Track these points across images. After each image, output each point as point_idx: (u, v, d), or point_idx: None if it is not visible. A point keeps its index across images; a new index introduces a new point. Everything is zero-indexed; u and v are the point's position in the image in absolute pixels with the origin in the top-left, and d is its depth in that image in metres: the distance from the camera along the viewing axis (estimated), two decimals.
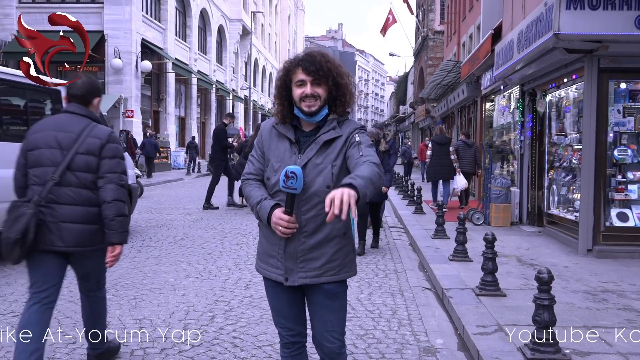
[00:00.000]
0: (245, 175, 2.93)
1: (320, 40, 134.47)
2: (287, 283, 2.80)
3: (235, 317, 5.31)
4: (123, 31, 26.17)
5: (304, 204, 2.72)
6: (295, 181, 2.57)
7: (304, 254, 2.76)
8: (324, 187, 2.70)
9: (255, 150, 2.94)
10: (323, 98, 2.76)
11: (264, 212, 2.73)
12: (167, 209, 13.60)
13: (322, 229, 2.75)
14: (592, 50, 8.18)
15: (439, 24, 36.22)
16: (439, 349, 4.64)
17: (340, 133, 2.78)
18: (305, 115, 2.76)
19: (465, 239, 7.76)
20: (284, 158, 2.77)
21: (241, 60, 50.05)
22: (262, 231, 2.91)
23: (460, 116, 23.39)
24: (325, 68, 2.74)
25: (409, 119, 50.05)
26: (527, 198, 11.48)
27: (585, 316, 5.28)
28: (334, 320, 2.86)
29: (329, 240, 2.77)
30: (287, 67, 2.81)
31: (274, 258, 2.83)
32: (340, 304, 2.88)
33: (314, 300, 2.87)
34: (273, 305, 2.97)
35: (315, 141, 2.77)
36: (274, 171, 2.78)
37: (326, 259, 2.78)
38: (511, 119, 12.90)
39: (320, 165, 2.73)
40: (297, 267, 2.78)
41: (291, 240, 2.75)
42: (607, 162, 8.46)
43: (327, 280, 2.80)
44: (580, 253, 8.34)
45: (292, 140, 2.80)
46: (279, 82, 2.84)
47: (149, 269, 7.22)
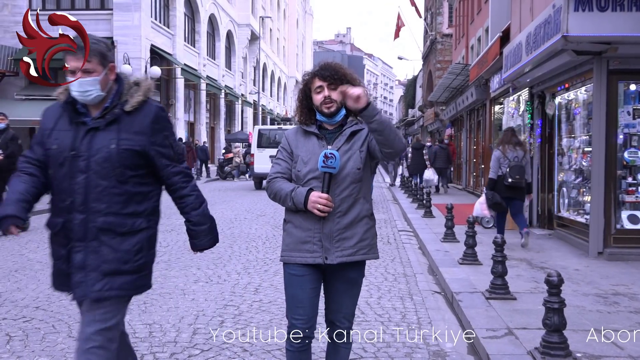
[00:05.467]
0: (272, 175, 3.22)
1: (328, 44, 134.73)
2: (327, 262, 3.08)
3: (244, 322, 5.32)
4: (132, 37, 26.30)
5: (337, 185, 3.07)
6: (334, 160, 2.98)
7: (339, 233, 3.09)
8: (355, 169, 3.10)
9: (280, 152, 3.27)
10: (339, 101, 3.10)
11: (300, 197, 3.04)
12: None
13: (353, 209, 3.11)
14: (601, 52, 8.15)
15: (447, 27, 36.14)
16: (448, 353, 4.63)
17: (363, 126, 3.16)
18: (326, 117, 3.15)
19: (474, 242, 7.74)
20: (314, 150, 3.12)
21: (250, 65, 50.19)
22: (294, 222, 3.16)
23: (469, 119, 23.32)
24: (340, 73, 3.12)
25: (418, 123, 49.96)
26: (537, 201, 11.43)
27: (596, 319, 5.25)
28: (349, 304, 3.28)
29: (359, 220, 3.13)
30: (305, 79, 3.22)
31: (308, 243, 3.11)
32: (357, 289, 3.29)
33: (336, 286, 3.23)
34: (294, 296, 3.16)
35: (342, 133, 3.16)
36: (305, 163, 3.13)
37: (359, 238, 3.13)
38: (521, 122, 12.86)
39: (350, 151, 3.11)
40: (333, 247, 3.09)
41: (327, 221, 3.08)
42: (617, 164, 8.41)
43: (360, 258, 3.15)
44: (590, 256, 8.28)
45: (319, 135, 3.17)
46: (300, 93, 3.25)
47: (159, 274, 7.24)
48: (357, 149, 3.13)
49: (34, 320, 5.33)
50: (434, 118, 35.60)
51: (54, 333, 4.97)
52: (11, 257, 8.33)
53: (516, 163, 8.70)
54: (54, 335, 4.91)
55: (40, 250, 8.79)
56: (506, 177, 8.68)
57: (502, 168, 8.76)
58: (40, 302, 5.91)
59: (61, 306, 5.77)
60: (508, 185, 8.69)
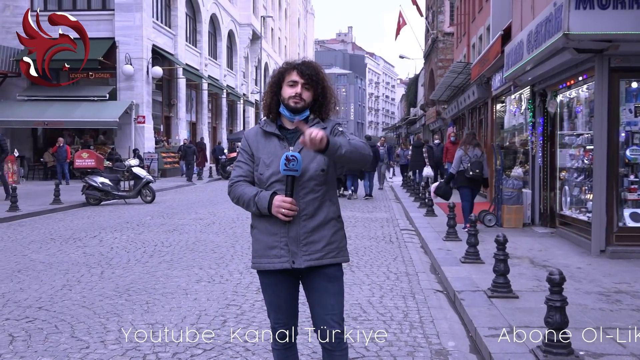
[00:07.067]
0: (234, 178, 3.14)
1: (330, 43, 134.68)
2: (294, 266, 3.00)
3: (246, 321, 5.33)
4: (134, 37, 26.34)
5: (302, 188, 2.98)
6: (296, 163, 2.88)
7: (306, 237, 3.00)
8: (319, 171, 3.01)
9: (241, 155, 3.17)
10: (307, 102, 3.06)
11: (263, 201, 2.96)
12: (178, 214, 13.66)
13: (320, 212, 3.03)
14: (603, 50, 8.13)
15: (449, 26, 36.11)
16: (450, 352, 4.63)
17: (324, 126, 3.07)
18: (290, 111, 3.05)
19: (476, 240, 7.73)
20: (275, 152, 3.02)
21: (251, 65, 50.20)
22: (260, 227, 3.08)
23: (471, 117, 23.29)
24: (320, 76, 3.08)
25: (420, 121, 49.93)
26: (539, 199, 11.41)
27: (599, 317, 5.25)
28: (334, 303, 3.08)
29: (326, 222, 3.05)
30: (284, 67, 3.13)
31: (275, 248, 3.02)
32: (339, 287, 3.12)
33: (314, 286, 3.09)
34: (271, 303, 3.17)
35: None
36: (267, 166, 3.04)
37: (326, 241, 3.04)
38: (523, 120, 12.84)
39: (312, 152, 2.91)
40: (300, 251, 3.00)
41: (293, 225, 2.99)
42: (619, 162, 8.40)
43: (329, 262, 3.04)
44: (593, 254, 8.28)
45: (280, 136, 3.07)
46: (273, 79, 3.14)
47: (161, 274, 7.26)
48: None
49: (37, 320, 5.34)
50: (435, 117, 35.59)
51: (56, 333, 4.99)
52: (14, 257, 8.35)
53: (476, 159, 10.45)
54: (57, 336, 4.92)
55: (43, 251, 8.81)
56: (467, 171, 10.44)
57: (463, 164, 10.51)
58: (43, 303, 5.93)
59: (64, 306, 5.78)
60: (469, 178, 10.49)
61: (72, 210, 14.74)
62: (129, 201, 16.25)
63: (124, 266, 7.72)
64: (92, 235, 10.35)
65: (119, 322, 5.28)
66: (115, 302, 5.96)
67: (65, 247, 9.14)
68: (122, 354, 4.50)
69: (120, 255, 8.50)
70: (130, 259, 8.23)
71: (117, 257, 8.30)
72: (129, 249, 9.03)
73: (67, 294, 6.26)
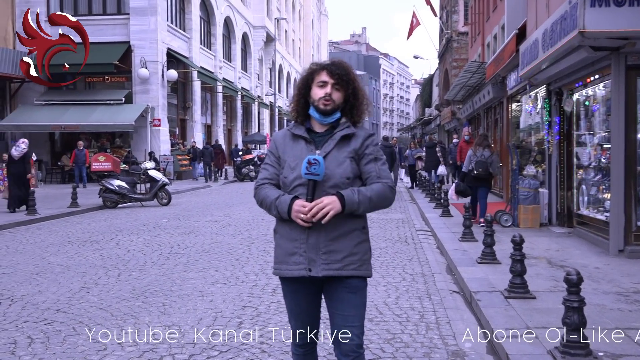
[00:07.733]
0: (260, 181, 3.05)
1: (344, 44, 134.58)
2: (311, 273, 2.88)
3: (262, 323, 5.34)
4: (149, 41, 26.52)
5: (325, 195, 2.82)
6: (317, 167, 2.76)
7: (326, 245, 2.87)
8: (344, 179, 2.87)
9: (268, 157, 3.08)
10: (337, 103, 2.94)
11: (283, 205, 2.85)
12: (194, 216, 13.72)
13: (343, 221, 2.87)
14: (619, 48, 8.05)
15: (463, 25, 35.93)
16: (467, 353, 4.60)
17: (354, 131, 2.96)
18: (320, 114, 2.94)
19: (493, 241, 7.68)
20: (301, 155, 2.90)
21: (266, 67, 50.32)
22: (281, 232, 2.99)
23: (486, 117, 23.16)
24: (351, 75, 2.96)
25: (435, 121, 49.74)
26: (556, 199, 11.31)
27: (617, 318, 5.19)
28: (355, 315, 2.94)
29: (349, 232, 2.90)
30: (313, 68, 3.01)
31: (295, 255, 2.91)
32: (361, 299, 2.96)
33: (335, 296, 2.95)
34: (292, 310, 3.10)
35: (332, 137, 2.94)
36: (292, 169, 2.92)
37: (348, 252, 2.89)
38: (539, 119, 12.74)
39: (339, 157, 2.88)
40: (319, 259, 2.87)
41: (313, 232, 2.86)
42: (637, 161, 8.30)
43: (348, 274, 2.90)
44: (611, 254, 8.19)
45: (307, 139, 2.96)
46: (301, 80, 3.03)
47: (177, 276, 7.29)
48: (347, 155, 2.90)
49: (55, 322, 5.39)
50: (450, 117, 35.41)
51: (74, 335, 5.03)
52: (32, 260, 8.44)
53: (481, 159, 11.17)
54: (75, 338, 4.96)
55: (61, 254, 8.89)
56: (473, 170, 11.22)
57: (472, 164, 11.27)
58: (61, 305, 5.98)
59: (81, 309, 5.83)
60: (474, 177, 11.29)
61: (89, 213, 14.88)
62: (145, 204, 16.37)
63: (141, 268, 7.77)
64: (109, 238, 10.44)
65: (135, 324, 5.31)
66: (132, 304, 6.00)
67: (82, 250, 9.23)
68: (139, 355, 4.53)
69: (136, 257, 8.56)
70: (147, 261, 8.28)
71: (134, 260, 8.36)
72: (146, 251, 9.09)
73: (84, 296, 6.32)
